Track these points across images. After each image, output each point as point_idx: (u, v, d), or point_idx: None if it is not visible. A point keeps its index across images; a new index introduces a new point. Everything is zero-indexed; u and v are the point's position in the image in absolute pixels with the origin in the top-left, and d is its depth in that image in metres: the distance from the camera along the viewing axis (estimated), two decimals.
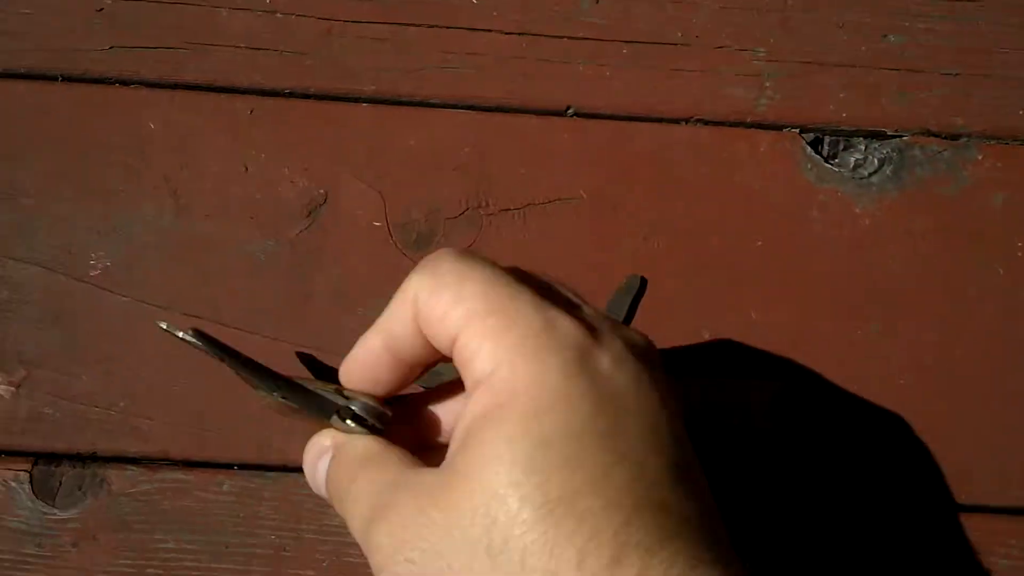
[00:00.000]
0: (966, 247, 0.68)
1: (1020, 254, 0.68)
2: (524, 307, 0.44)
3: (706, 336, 0.66)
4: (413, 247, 0.67)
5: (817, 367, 0.66)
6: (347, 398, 0.50)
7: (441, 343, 0.46)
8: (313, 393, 0.50)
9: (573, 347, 0.43)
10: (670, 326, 0.66)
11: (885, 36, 0.71)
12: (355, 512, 0.46)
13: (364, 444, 0.48)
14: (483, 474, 0.41)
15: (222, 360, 0.50)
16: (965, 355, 0.66)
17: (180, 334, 0.49)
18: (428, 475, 0.44)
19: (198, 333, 0.49)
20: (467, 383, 0.45)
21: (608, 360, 0.44)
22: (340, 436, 0.49)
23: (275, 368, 0.51)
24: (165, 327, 0.49)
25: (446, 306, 0.45)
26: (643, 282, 0.67)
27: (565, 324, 0.44)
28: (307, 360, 0.64)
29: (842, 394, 0.65)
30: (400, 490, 0.44)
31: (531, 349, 0.43)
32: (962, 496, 0.65)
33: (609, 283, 0.67)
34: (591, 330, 0.45)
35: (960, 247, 0.68)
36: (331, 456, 0.49)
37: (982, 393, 0.66)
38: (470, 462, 0.42)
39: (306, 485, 0.62)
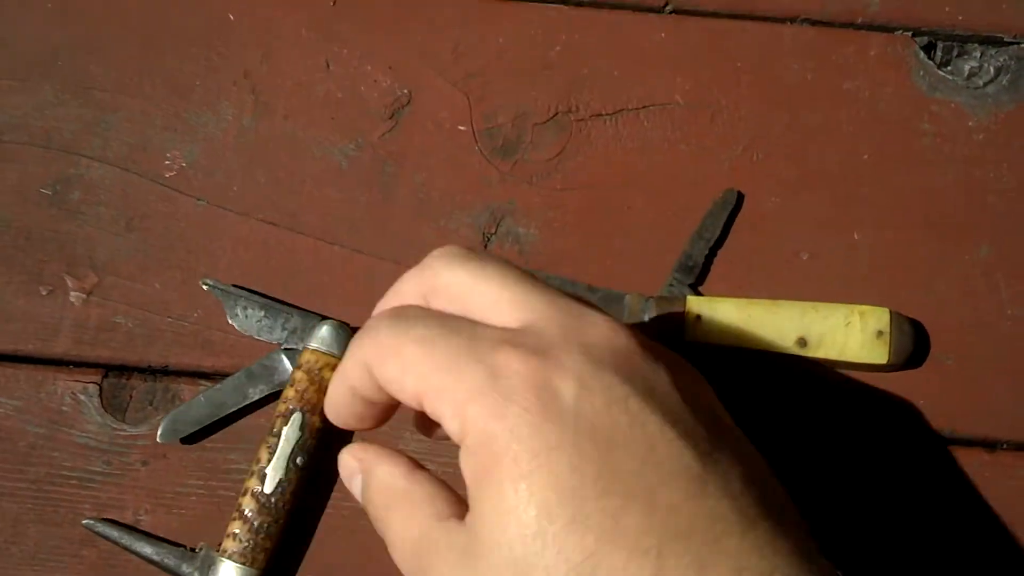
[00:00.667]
0: None
1: None
2: (465, 362, 0.41)
3: (805, 258, 0.63)
4: (499, 154, 0.64)
5: (922, 292, 0.63)
6: None
7: (409, 403, 0.44)
8: None
9: (527, 389, 0.40)
10: (767, 246, 0.63)
11: None
12: (395, 555, 0.45)
13: (389, 475, 0.46)
14: (502, 545, 0.40)
15: None
16: None
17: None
18: (456, 535, 0.42)
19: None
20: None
21: (571, 388, 0.40)
22: (367, 457, 0.48)
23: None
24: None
25: (396, 375, 0.43)
26: (740, 197, 0.63)
27: (509, 365, 0.41)
28: None
29: (948, 322, 0.63)
30: (433, 555, 0.43)
31: (488, 407, 0.40)
32: None
33: (704, 197, 0.63)
34: (541, 354, 0.41)
35: None
36: (362, 480, 0.47)
37: None
38: (486, 529, 0.41)
39: None
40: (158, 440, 0.60)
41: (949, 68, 0.66)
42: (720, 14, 0.66)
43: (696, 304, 0.61)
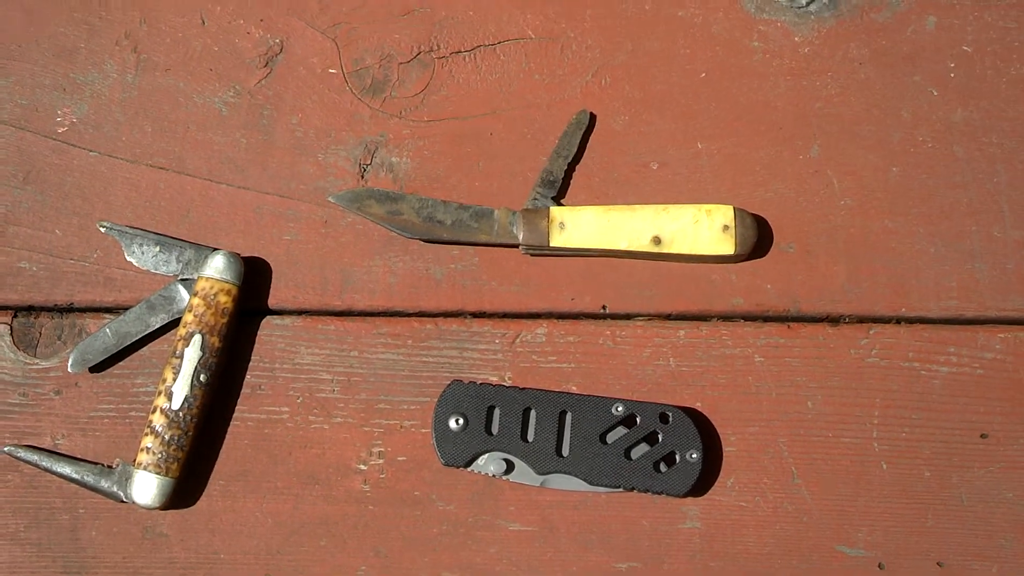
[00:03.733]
0: (901, 71, 0.71)
1: (953, 75, 0.71)
2: None
3: (655, 167, 0.69)
4: (369, 92, 0.69)
5: (762, 191, 0.69)
6: None
7: None
8: None
9: None
10: (620, 159, 0.69)
11: None
12: None
13: None
14: None
15: None
16: (903, 174, 0.69)
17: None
18: None
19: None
20: None
21: None
22: None
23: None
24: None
25: None
26: (592, 118, 0.69)
27: None
28: None
29: (788, 215, 0.69)
30: None
31: None
32: (903, 308, 0.68)
33: (560, 119, 0.69)
34: None
35: (895, 71, 0.71)
36: None
37: (920, 210, 0.69)
38: None
39: (279, 327, 0.65)
40: (69, 370, 0.63)
41: None
42: None
43: (559, 213, 0.66)
